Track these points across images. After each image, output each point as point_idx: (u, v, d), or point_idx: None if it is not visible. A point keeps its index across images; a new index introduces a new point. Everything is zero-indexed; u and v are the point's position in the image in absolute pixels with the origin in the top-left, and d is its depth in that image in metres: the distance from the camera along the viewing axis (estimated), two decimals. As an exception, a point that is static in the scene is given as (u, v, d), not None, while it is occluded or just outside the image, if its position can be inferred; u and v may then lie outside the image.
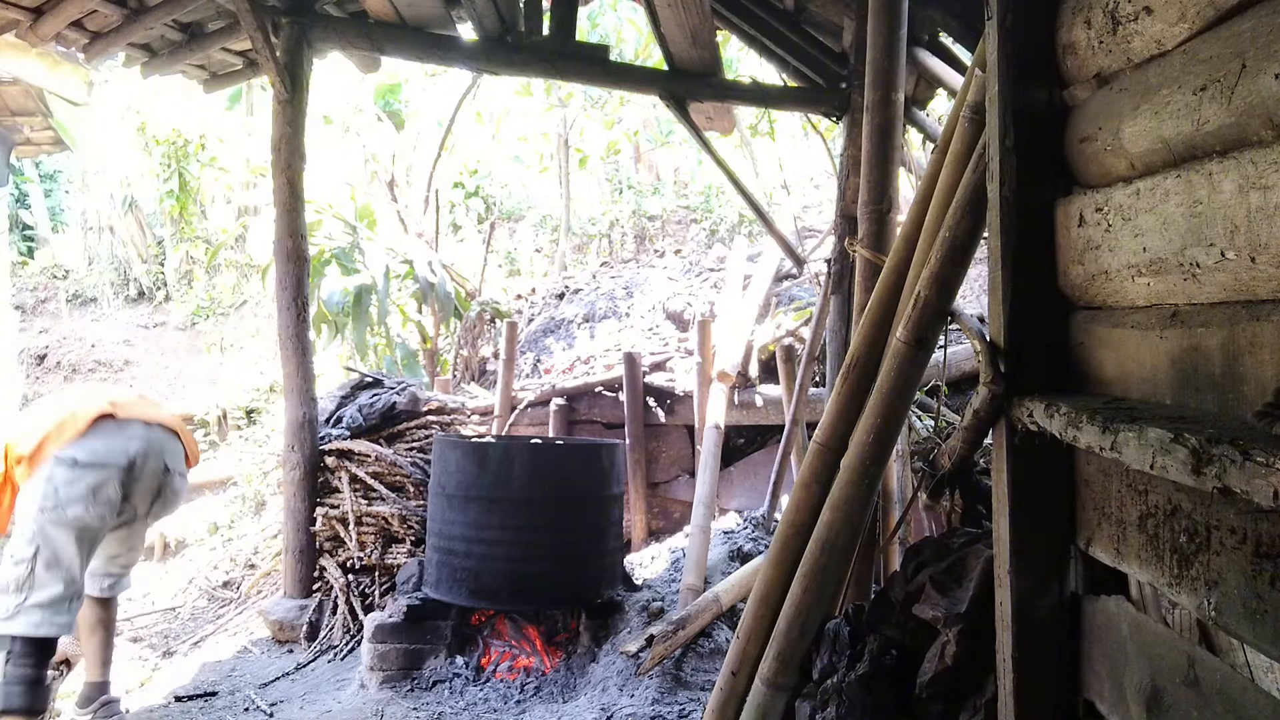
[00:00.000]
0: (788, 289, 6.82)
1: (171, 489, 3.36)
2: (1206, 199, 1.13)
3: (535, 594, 3.63)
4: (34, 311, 11.38)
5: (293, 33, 4.19)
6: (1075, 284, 1.49)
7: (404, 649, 3.66)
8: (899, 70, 2.86)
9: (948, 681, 1.79)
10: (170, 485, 3.35)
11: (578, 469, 3.81)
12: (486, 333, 7.51)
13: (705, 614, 3.49)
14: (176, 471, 3.37)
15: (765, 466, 5.31)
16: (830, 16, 4.37)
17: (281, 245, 4.26)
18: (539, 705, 3.41)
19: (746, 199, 4.81)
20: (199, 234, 11.52)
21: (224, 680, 3.87)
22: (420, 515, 4.15)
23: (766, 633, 2.13)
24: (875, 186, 2.87)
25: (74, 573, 3.02)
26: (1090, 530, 1.46)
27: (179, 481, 3.40)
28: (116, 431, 3.16)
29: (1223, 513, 1.09)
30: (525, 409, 5.94)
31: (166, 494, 3.35)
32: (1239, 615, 1.05)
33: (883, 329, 2.18)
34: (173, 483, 3.36)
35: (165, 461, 3.30)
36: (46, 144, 6.81)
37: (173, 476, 3.35)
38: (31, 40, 4.24)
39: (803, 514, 2.18)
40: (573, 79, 5.01)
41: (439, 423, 4.63)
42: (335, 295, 6.47)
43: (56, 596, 2.97)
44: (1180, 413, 1.19)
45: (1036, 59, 1.52)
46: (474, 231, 10.09)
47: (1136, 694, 1.32)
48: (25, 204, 12.59)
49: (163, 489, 3.32)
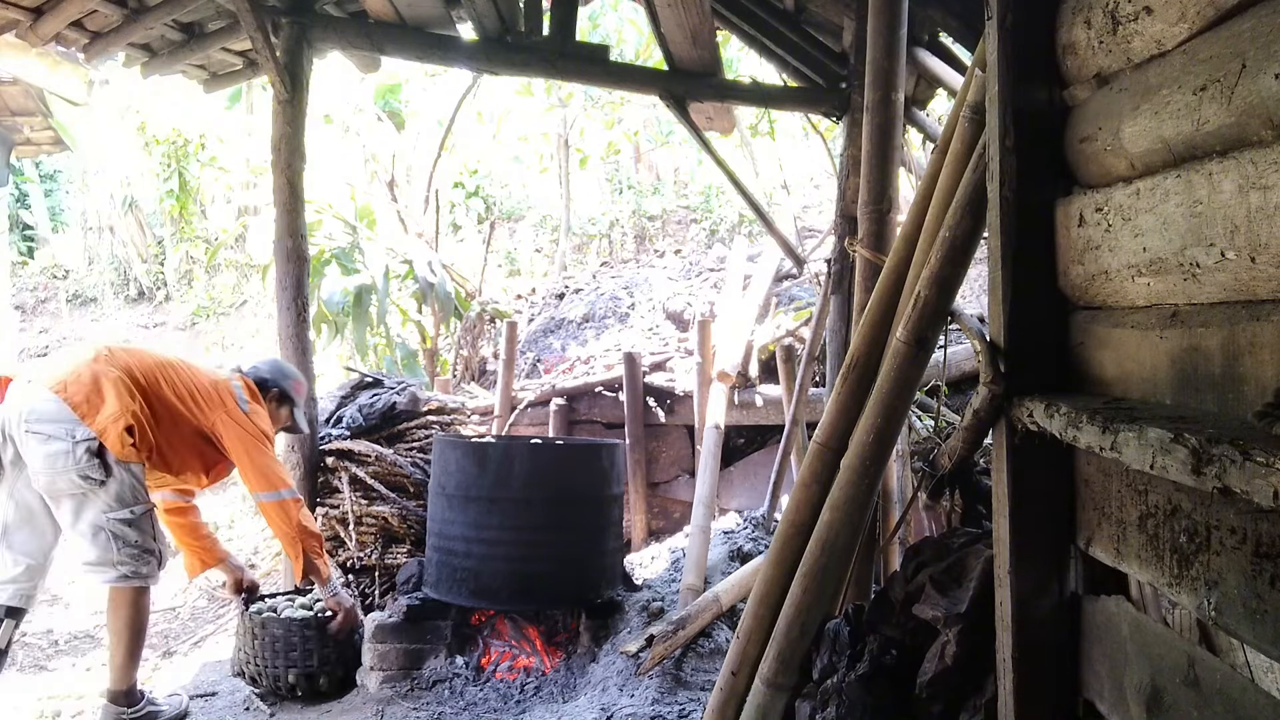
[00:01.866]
0: (788, 289, 6.82)
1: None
2: (1206, 199, 1.13)
3: (535, 594, 3.63)
4: (34, 311, 11.38)
5: (293, 33, 4.19)
6: (1075, 284, 1.49)
7: (404, 649, 3.66)
8: (899, 70, 2.86)
9: (948, 681, 1.79)
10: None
11: (578, 469, 3.80)
12: (486, 333, 7.51)
13: (705, 614, 3.49)
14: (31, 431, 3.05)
15: (765, 466, 5.31)
16: (830, 16, 4.37)
17: (281, 245, 4.26)
18: (539, 705, 3.42)
19: (746, 199, 4.81)
20: (199, 234, 11.52)
21: (224, 680, 3.87)
22: (420, 515, 4.15)
23: (766, 633, 2.13)
24: (875, 186, 2.87)
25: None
26: (1090, 530, 1.46)
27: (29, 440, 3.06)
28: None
29: (1223, 513, 1.09)
30: (525, 409, 5.94)
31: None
32: (1239, 615, 1.05)
33: (883, 329, 2.18)
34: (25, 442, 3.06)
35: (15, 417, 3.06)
36: (46, 144, 6.82)
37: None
38: (31, 40, 4.24)
39: (803, 514, 2.18)
40: (573, 79, 5.00)
41: (439, 423, 4.63)
42: (335, 295, 6.47)
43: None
44: (1180, 413, 1.19)
45: (1036, 59, 1.52)
46: (474, 231, 10.09)
47: (1136, 694, 1.32)
48: (25, 204, 12.58)
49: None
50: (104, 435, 3.06)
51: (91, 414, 3.06)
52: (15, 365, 3.33)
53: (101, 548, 3.14)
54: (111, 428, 3.07)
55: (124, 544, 3.16)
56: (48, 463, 3.03)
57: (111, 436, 3.07)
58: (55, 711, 3.67)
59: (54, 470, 3.04)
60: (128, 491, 3.16)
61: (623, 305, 7.57)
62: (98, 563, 3.16)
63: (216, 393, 3.43)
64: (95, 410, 3.07)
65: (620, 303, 7.61)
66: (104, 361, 3.18)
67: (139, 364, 3.27)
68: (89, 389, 3.10)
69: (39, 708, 3.69)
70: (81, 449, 3.03)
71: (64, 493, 3.09)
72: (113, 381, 3.14)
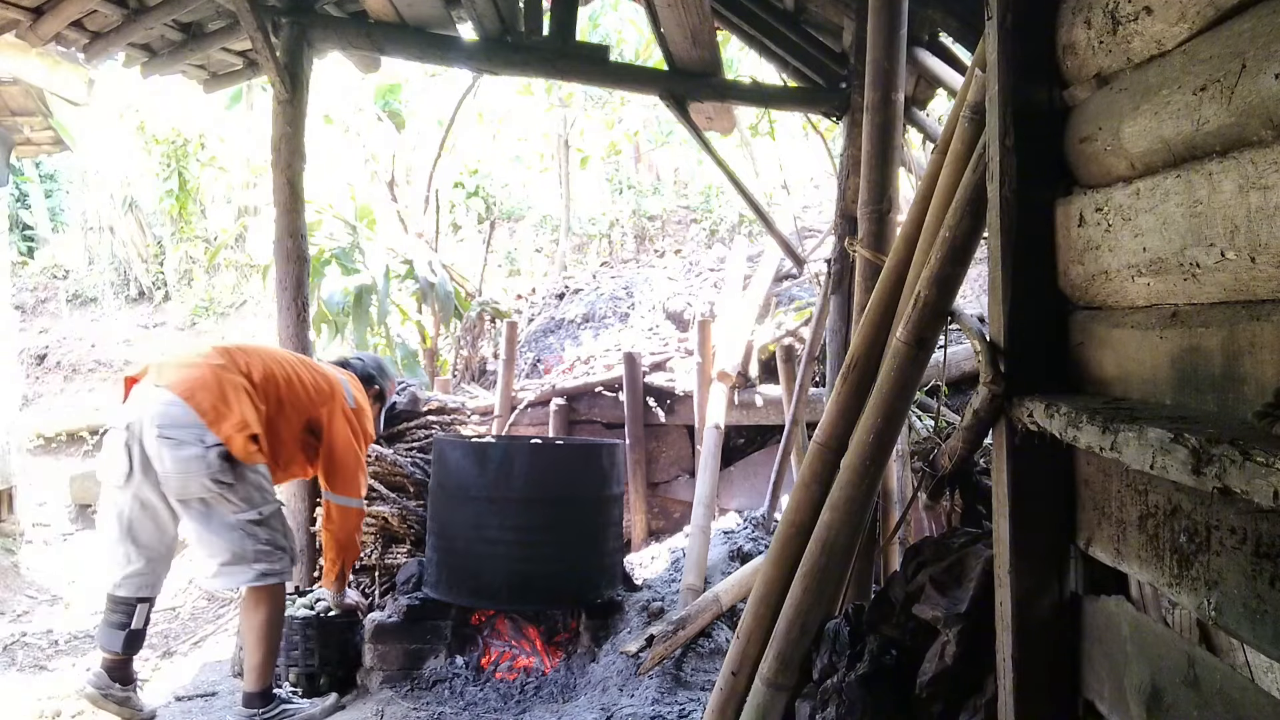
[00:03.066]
0: (788, 289, 6.82)
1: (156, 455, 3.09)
2: (1206, 199, 1.13)
3: (535, 594, 3.63)
4: (34, 311, 11.37)
5: (293, 33, 4.18)
6: (1075, 284, 1.49)
7: (404, 649, 3.66)
8: (899, 70, 2.86)
9: (948, 681, 1.79)
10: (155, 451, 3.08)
11: (578, 469, 3.81)
12: (486, 333, 7.51)
13: (705, 614, 3.49)
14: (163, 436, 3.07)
15: (765, 466, 5.31)
16: (830, 16, 4.37)
17: (281, 245, 4.26)
18: (539, 705, 3.42)
19: (746, 199, 4.81)
20: (199, 234, 11.52)
21: (224, 680, 3.88)
22: (420, 515, 4.15)
23: (766, 633, 2.13)
24: (875, 186, 2.87)
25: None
26: (1090, 530, 1.46)
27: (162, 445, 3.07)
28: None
29: (1223, 513, 1.09)
30: (525, 409, 5.94)
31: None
32: (1239, 615, 1.05)
33: (883, 329, 2.18)
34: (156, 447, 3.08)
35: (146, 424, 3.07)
36: (46, 144, 6.81)
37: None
38: (31, 40, 4.24)
39: (803, 514, 2.18)
40: (573, 79, 5.00)
41: (439, 423, 4.63)
42: (335, 295, 6.47)
43: (106, 551, 3.20)
44: (1180, 413, 1.19)
45: (1036, 59, 1.52)
46: (474, 231, 10.09)
47: (1136, 694, 1.32)
48: (25, 204, 12.58)
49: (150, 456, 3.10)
50: (230, 443, 3.10)
51: (219, 421, 3.09)
52: (138, 362, 3.34)
53: (234, 548, 3.16)
54: (237, 436, 3.10)
55: (256, 542, 3.19)
56: (180, 467, 3.06)
57: (238, 443, 3.10)
58: (55, 711, 3.67)
59: (186, 474, 3.07)
60: (255, 493, 3.20)
61: (623, 305, 7.57)
62: (231, 563, 3.17)
63: (329, 385, 3.47)
64: (222, 418, 3.10)
65: (620, 303, 7.61)
66: (228, 366, 3.21)
67: (257, 364, 3.29)
68: (216, 396, 3.12)
69: (39, 708, 3.69)
70: (214, 454, 3.07)
71: (194, 495, 3.12)
72: (238, 389, 3.16)
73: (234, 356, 3.26)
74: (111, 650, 3.28)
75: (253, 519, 3.17)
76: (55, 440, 8.55)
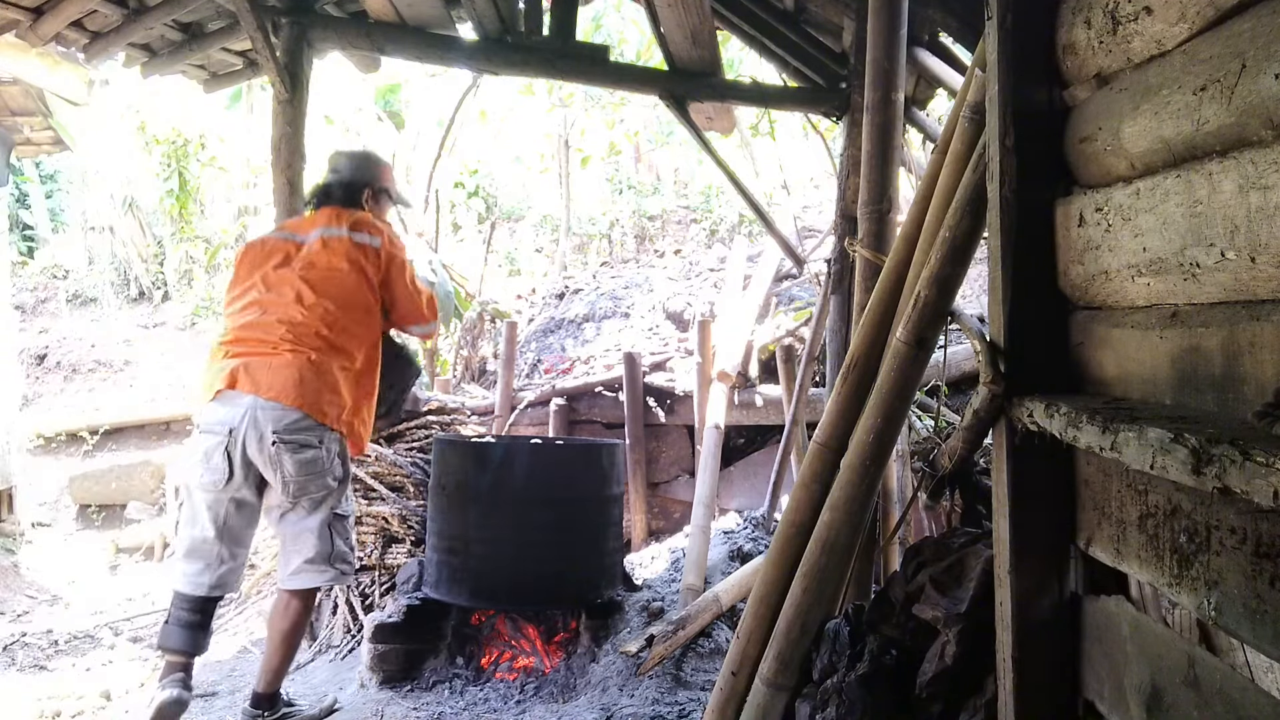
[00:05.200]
0: (788, 289, 6.82)
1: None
2: (1206, 199, 1.13)
3: (535, 594, 3.63)
4: (34, 311, 11.38)
5: (293, 33, 4.18)
6: (1075, 284, 1.49)
7: (404, 649, 3.65)
8: (899, 70, 2.86)
9: (948, 681, 1.79)
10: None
11: (578, 469, 3.80)
12: (487, 333, 7.51)
13: (705, 614, 3.49)
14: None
15: (765, 466, 5.31)
16: (830, 16, 4.37)
17: (281, 245, 4.25)
18: (539, 705, 3.41)
19: (746, 199, 4.81)
20: (199, 234, 11.52)
21: (224, 680, 3.88)
22: (420, 515, 4.15)
23: (766, 633, 2.13)
24: (875, 186, 2.87)
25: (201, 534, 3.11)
26: (1090, 530, 1.46)
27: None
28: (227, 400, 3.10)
29: (1223, 513, 1.09)
30: (525, 409, 5.94)
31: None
32: (1239, 615, 1.05)
33: (883, 329, 2.18)
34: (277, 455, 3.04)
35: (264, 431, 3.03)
36: (46, 144, 6.81)
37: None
38: (31, 40, 4.24)
39: (803, 514, 2.18)
40: (573, 79, 4.99)
41: (439, 423, 4.63)
42: (335, 295, 6.45)
43: (187, 551, 3.11)
44: (1180, 413, 1.19)
45: (1036, 59, 1.52)
46: (474, 231, 10.10)
47: (1136, 694, 1.32)
48: (25, 204, 12.59)
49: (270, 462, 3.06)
50: (349, 430, 3.15)
51: (334, 414, 3.10)
52: (217, 364, 3.20)
53: (325, 545, 3.15)
54: (354, 420, 3.16)
55: (344, 541, 3.22)
56: (302, 469, 3.04)
57: (355, 430, 3.17)
58: (55, 711, 3.67)
59: (308, 475, 3.06)
60: (350, 491, 3.27)
61: (623, 305, 7.57)
62: (315, 561, 3.15)
63: (356, 262, 3.32)
64: (337, 408, 3.11)
65: (620, 303, 7.61)
66: (311, 347, 3.10)
67: (323, 317, 3.15)
68: (317, 390, 3.07)
69: (39, 708, 3.69)
70: (334, 453, 3.11)
71: (308, 494, 3.11)
72: (329, 371, 3.10)
73: (298, 330, 3.11)
74: (192, 651, 3.18)
75: (343, 513, 3.22)
76: (55, 440, 8.56)
